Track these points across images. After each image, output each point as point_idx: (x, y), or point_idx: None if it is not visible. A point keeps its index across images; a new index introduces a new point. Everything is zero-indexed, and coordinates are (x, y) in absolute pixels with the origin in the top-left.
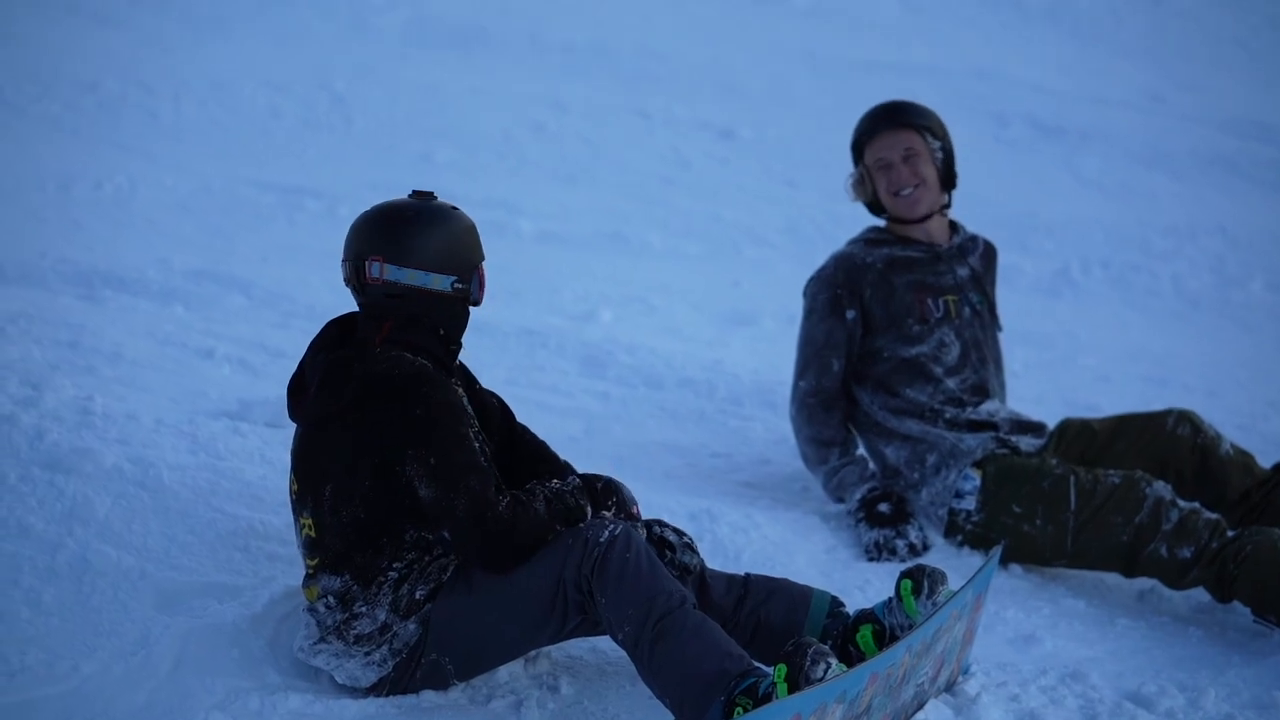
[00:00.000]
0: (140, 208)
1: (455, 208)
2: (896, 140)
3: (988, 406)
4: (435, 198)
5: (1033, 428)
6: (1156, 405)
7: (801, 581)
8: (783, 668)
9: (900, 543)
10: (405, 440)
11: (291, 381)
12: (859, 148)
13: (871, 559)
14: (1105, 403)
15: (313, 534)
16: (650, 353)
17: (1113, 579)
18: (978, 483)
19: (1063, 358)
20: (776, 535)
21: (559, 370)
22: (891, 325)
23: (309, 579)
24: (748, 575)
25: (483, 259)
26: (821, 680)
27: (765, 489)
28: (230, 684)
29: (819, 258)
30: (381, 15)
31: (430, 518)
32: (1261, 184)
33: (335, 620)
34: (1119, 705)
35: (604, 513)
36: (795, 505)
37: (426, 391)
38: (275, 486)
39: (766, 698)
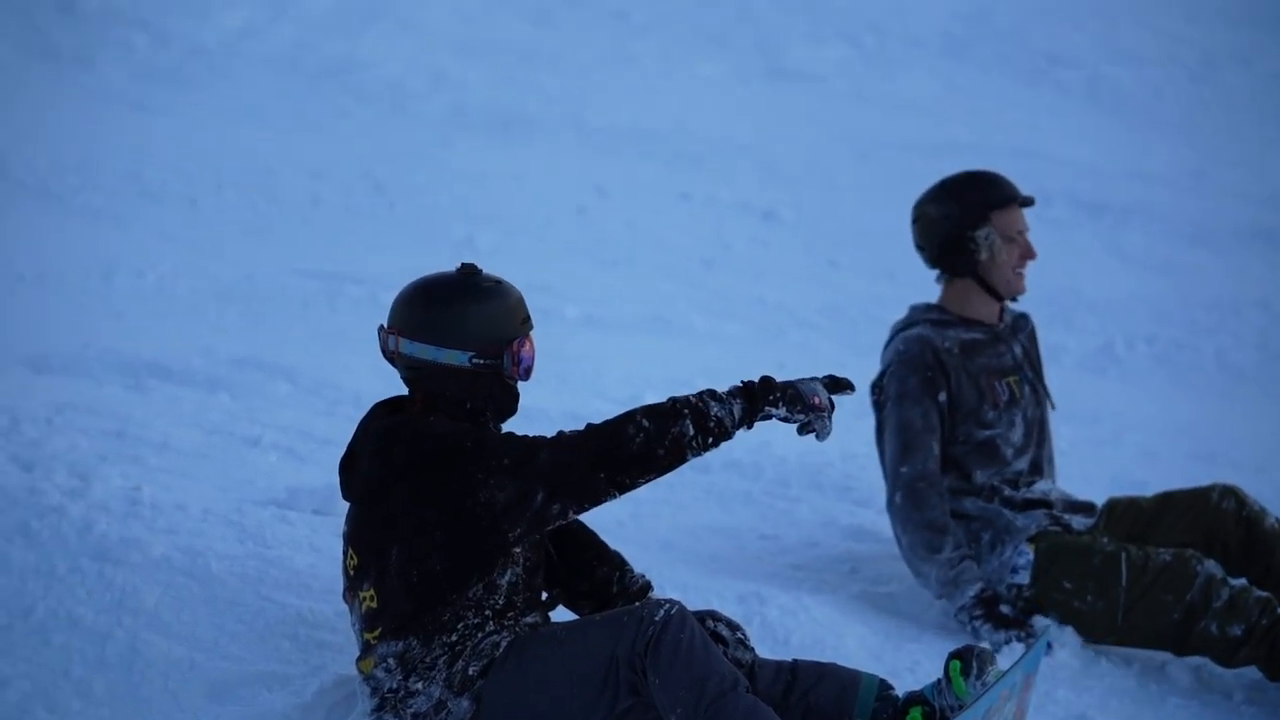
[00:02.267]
0: (183, 296)
1: (499, 282)
2: (1023, 216)
3: (1041, 485)
4: (479, 272)
5: (1083, 507)
6: (1203, 481)
7: (851, 664)
8: None
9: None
10: (474, 468)
11: (343, 461)
12: (985, 210)
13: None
14: (1152, 479)
15: (374, 605)
16: None
17: (1163, 656)
18: (1031, 557)
19: (1109, 435)
20: (825, 617)
21: None
22: (970, 412)
23: (366, 651)
24: (795, 661)
25: (519, 334)
26: None
27: (813, 570)
28: None
29: (862, 338)
30: (422, 101)
31: (519, 507)
32: None
33: (394, 684)
34: None
35: (652, 595)
36: (843, 587)
37: (477, 434)
38: (324, 574)
39: None
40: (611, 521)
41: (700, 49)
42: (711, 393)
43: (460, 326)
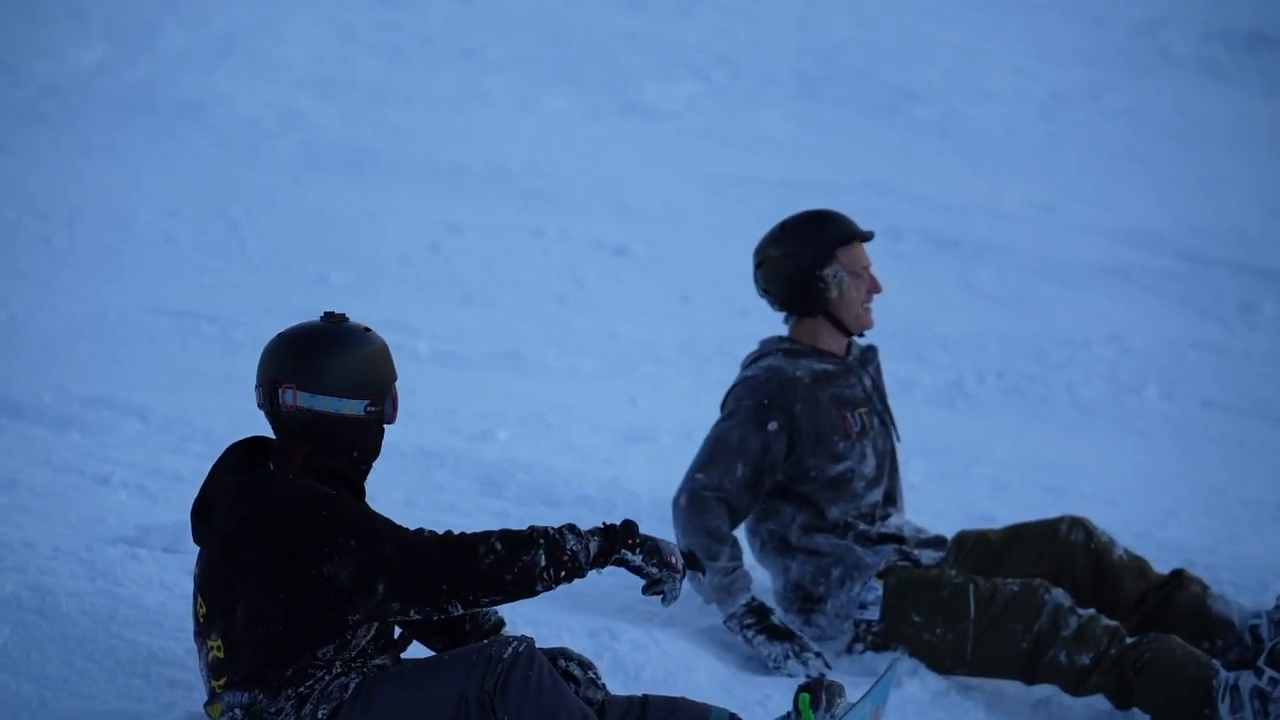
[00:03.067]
0: (35, 334)
1: (368, 329)
2: (865, 251)
3: (894, 520)
4: (347, 319)
5: (933, 542)
6: (1053, 514)
7: (703, 697)
8: None
9: (808, 654)
10: (320, 541)
11: (196, 504)
12: (831, 247)
13: (776, 669)
14: (1003, 513)
15: (221, 655)
16: (548, 471)
17: (1012, 688)
18: (880, 593)
19: (960, 469)
20: (676, 651)
21: (456, 490)
22: (819, 442)
23: (214, 697)
24: (646, 696)
25: (395, 379)
26: None
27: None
28: None
29: (715, 373)
30: (275, 139)
31: (359, 593)
32: (1154, 293)
33: None
34: None
35: (505, 632)
36: (694, 621)
37: (334, 506)
38: (175, 611)
39: None
40: None
41: (552, 86)
42: (571, 527)
43: (356, 377)
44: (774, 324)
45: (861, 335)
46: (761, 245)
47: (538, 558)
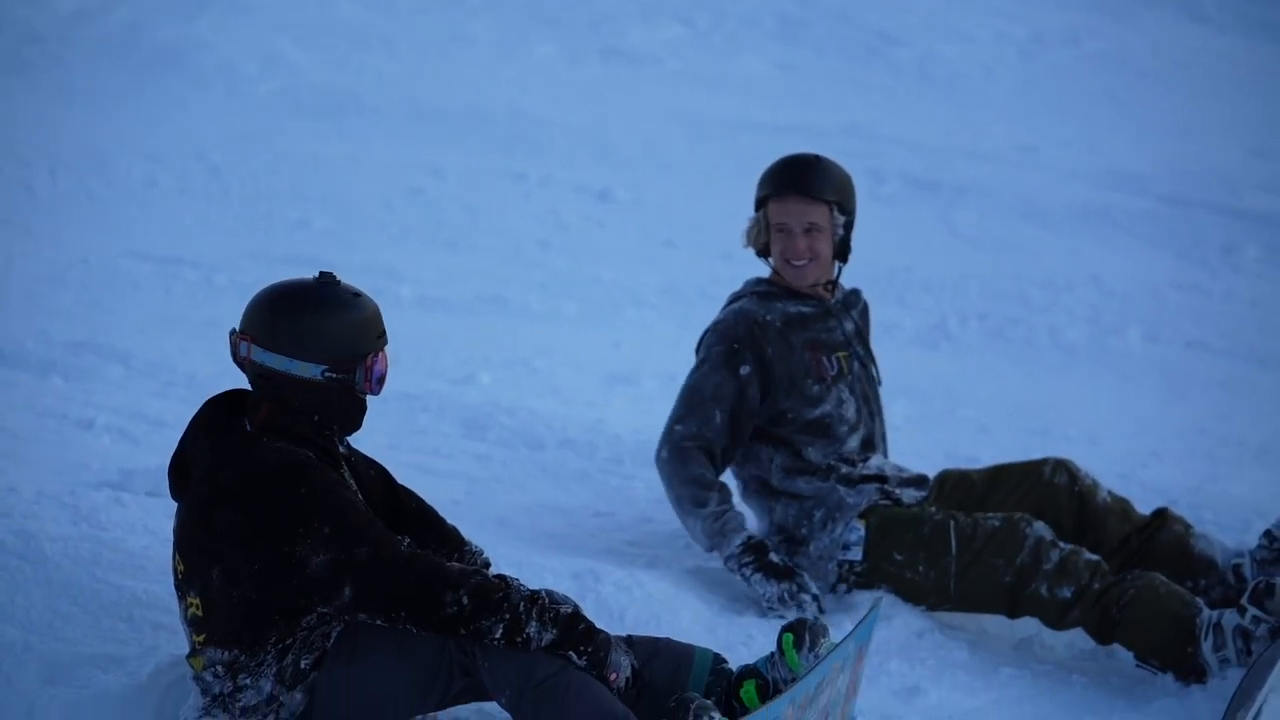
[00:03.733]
0: (18, 280)
1: (357, 295)
2: (803, 210)
3: (875, 461)
4: (338, 283)
5: (915, 481)
6: (1036, 455)
7: (687, 638)
8: None
9: (805, 596)
10: (295, 517)
11: (173, 460)
12: (765, 197)
13: (770, 611)
14: (985, 454)
15: (200, 613)
16: (531, 414)
17: (995, 627)
18: (863, 533)
19: (942, 411)
20: (660, 593)
21: (440, 434)
22: (793, 386)
23: (195, 651)
24: (630, 636)
25: (375, 349)
26: None
27: (648, 546)
28: None
29: (698, 317)
30: (256, 84)
31: (325, 589)
32: (1135, 235)
33: (222, 689)
34: None
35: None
36: (677, 562)
37: (310, 475)
38: (158, 555)
39: None
40: (446, 499)
41: (535, 31)
42: (542, 606)
43: (315, 340)
44: (756, 266)
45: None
46: None
47: (494, 626)
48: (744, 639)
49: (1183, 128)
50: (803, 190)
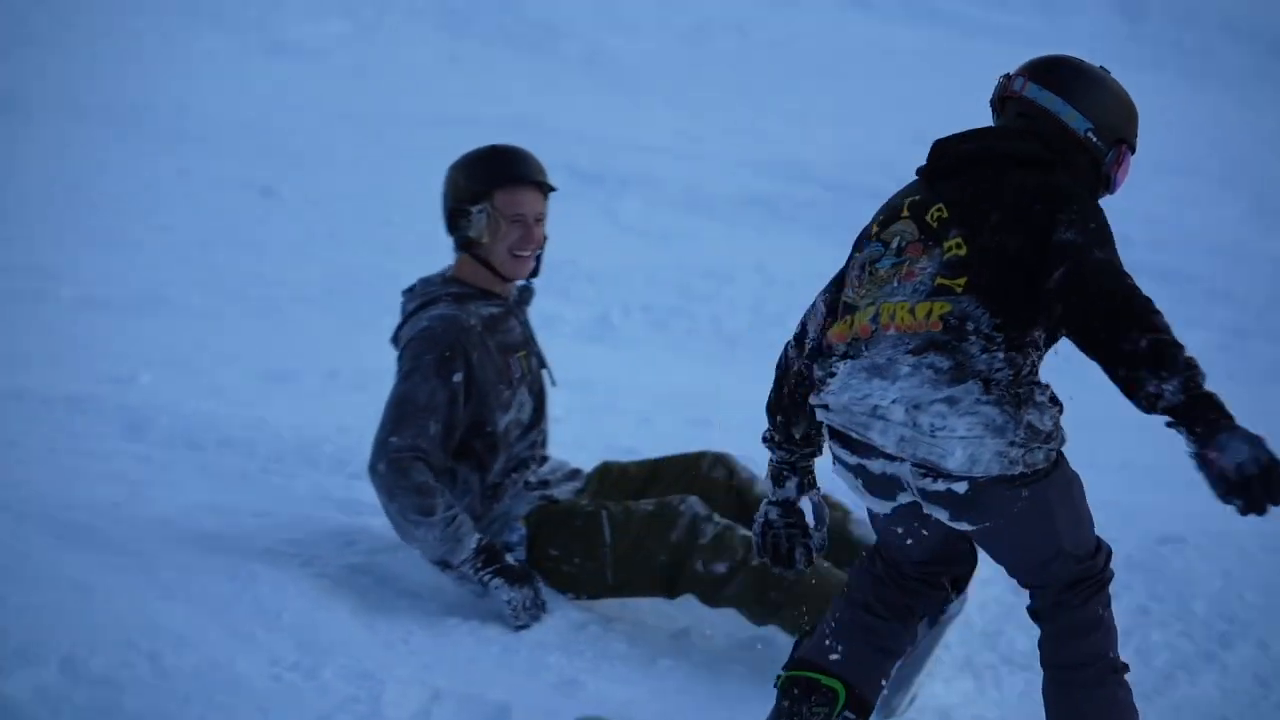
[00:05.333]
0: None
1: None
2: (537, 201)
3: (546, 469)
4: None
5: (569, 475)
6: (698, 445)
7: (346, 635)
8: None
9: (538, 609)
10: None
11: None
12: (489, 185)
13: (514, 620)
14: (646, 446)
15: (962, 254)
16: (191, 414)
17: (653, 618)
18: (523, 532)
19: (604, 402)
20: (318, 589)
21: (97, 435)
22: (490, 391)
23: (940, 291)
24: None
25: (1131, 142)
26: None
27: (307, 545)
28: None
29: (363, 313)
30: None
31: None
32: (798, 223)
33: (997, 363)
34: None
35: None
36: (337, 559)
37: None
38: None
39: None
40: (106, 502)
41: (199, 25)
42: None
43: (1093, 97)
44: (423, 262)
45: (516, 282)
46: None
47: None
48: (403, 635)
49: (845, 116)
50: (539, 183)
